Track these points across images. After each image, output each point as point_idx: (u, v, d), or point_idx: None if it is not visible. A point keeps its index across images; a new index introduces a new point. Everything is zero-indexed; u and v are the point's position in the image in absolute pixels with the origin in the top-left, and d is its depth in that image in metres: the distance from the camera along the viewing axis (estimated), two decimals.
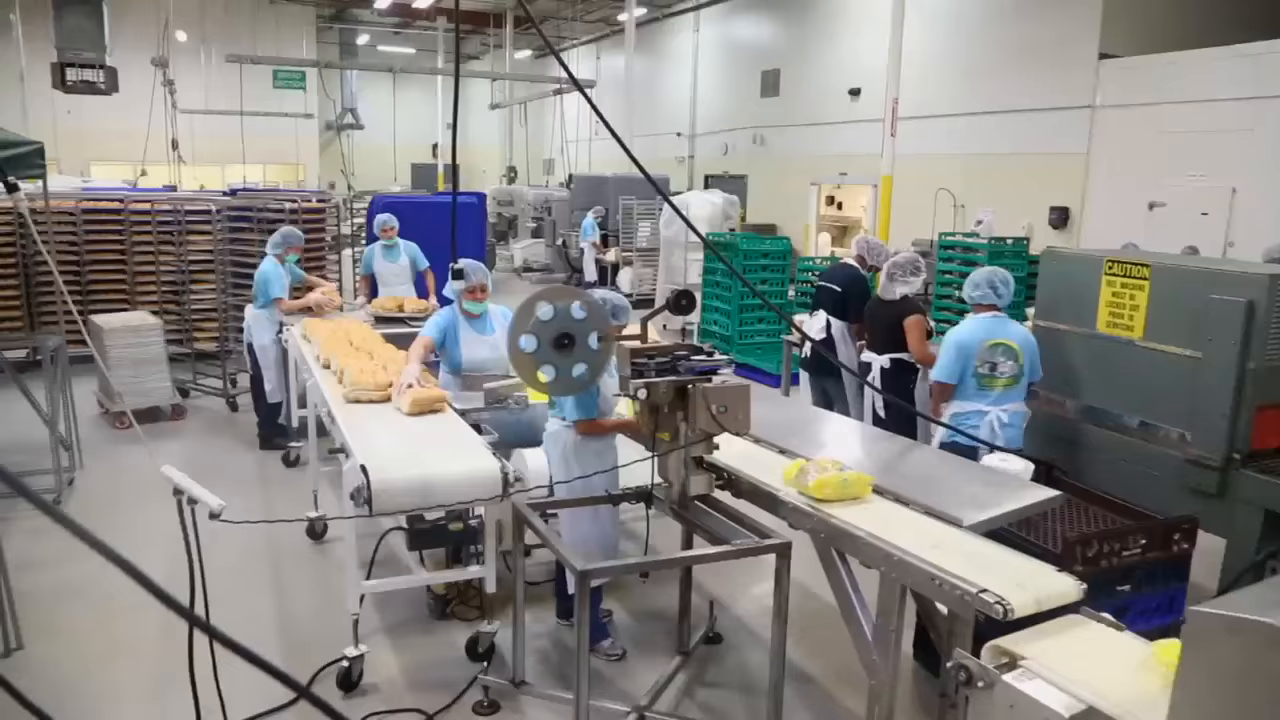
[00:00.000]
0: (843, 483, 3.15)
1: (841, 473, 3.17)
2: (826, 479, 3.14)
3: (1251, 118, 10.91)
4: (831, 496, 3.12)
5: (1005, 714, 2.19)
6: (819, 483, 3.14)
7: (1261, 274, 3.86)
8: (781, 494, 3.22)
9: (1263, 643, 1.53)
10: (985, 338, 4.46)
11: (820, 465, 3.22)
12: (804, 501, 3.12)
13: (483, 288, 4.83)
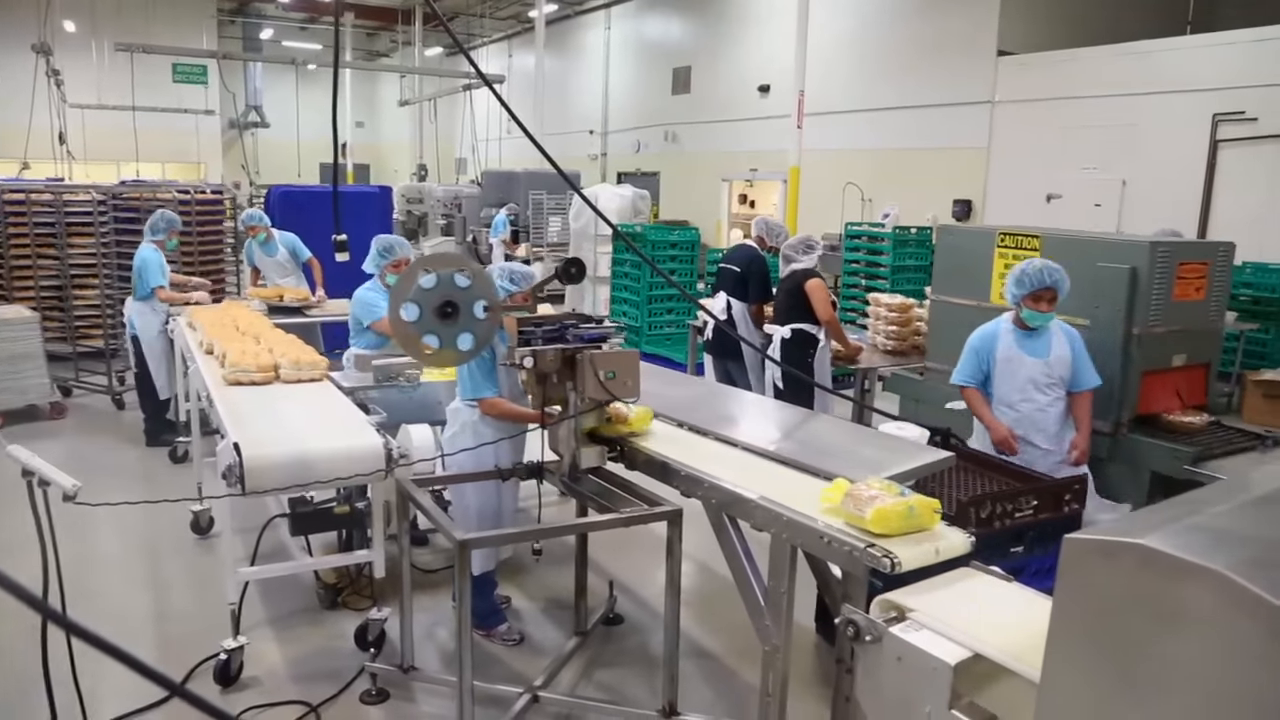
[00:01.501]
0: (909, 512, 2.48)
1: (903, 498, 2.51)
2: (888, 509, 2.44)
3: (1138, 113, 11.31)
4: (894, 531, 2.45)
5: (893, 666, 2.14)
6: (879, 514, 2.44)
7: (1143, 242, 3.94)
8: (674, 462, 3.14)
9: (1136, 564, 1.49)
10: None
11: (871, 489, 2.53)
12: (695, 468, 3.04)
13: (407, 262, 4.70)
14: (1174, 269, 3.92)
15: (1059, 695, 1.63)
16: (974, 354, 4.14)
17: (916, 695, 2.07)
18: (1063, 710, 1.62)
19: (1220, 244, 4.22)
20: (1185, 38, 11.53)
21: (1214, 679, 1.39)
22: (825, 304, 5.27)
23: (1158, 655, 1.45)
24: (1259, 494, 1.90)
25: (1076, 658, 1.59)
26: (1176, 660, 1.43)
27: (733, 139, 17.86)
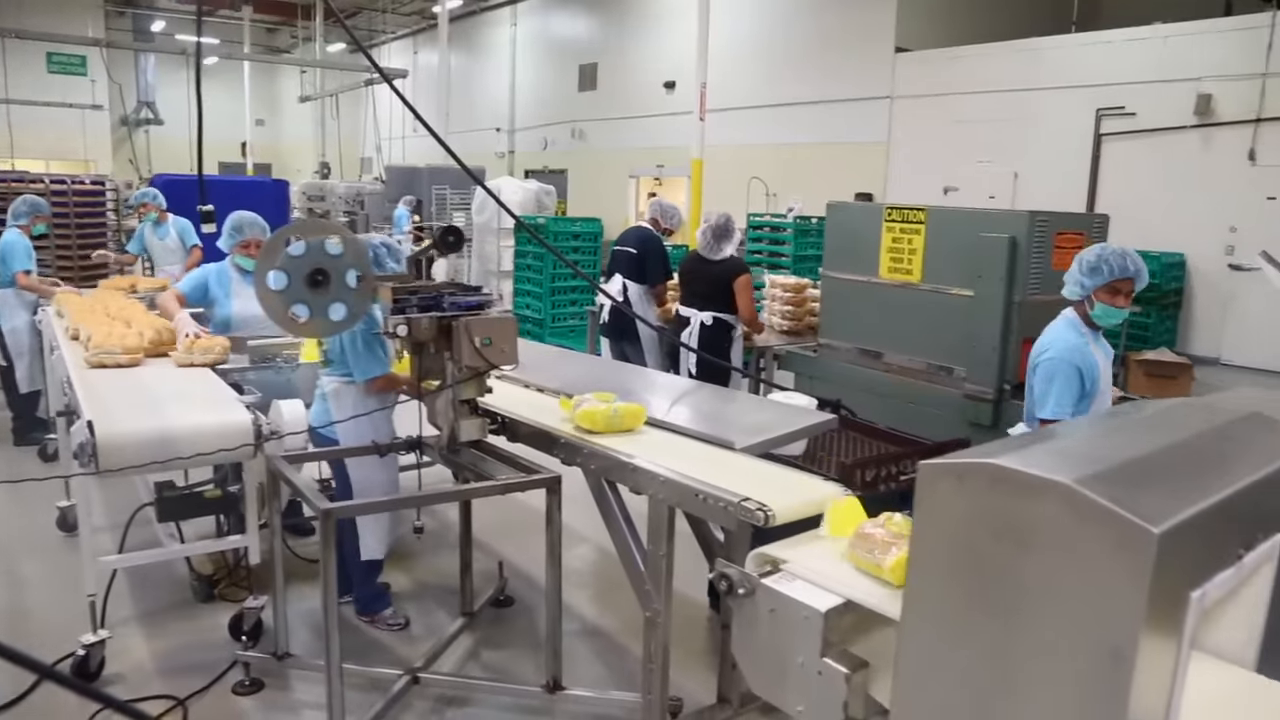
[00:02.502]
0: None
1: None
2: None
3: (1028, 107, 11.68)
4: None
5: (767, 619, 2.10)
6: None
7: (1021, 212, 4.02)
8: (555, 430, 3.06)
9: (987, 483, 1.47)
10: None
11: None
12: (576, 435, 2.97)
13: (257, 243, 4.47)
14: (1051, 239, 4.01)
15: (918, 620, 1.60)
16: (1076, 375, 3.24)
17: (789, 646, 2.02)
18: (922, 635, 1.59)
19: (1095, 216, 4.35)
20: (1070, 36, 11.96)
21: (1065, 594, 1.37)
22: (750, 303, 5.25)
23: (1011, 574, 1.43)
24: (1114, 424, 1.92)
25: (933, 582, 1.56)
26: (1029, 577, 1.40)
27: (640, 135, 17.87)
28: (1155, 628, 1.34)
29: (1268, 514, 1.65)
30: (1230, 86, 10.04)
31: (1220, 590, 1.48)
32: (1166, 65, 10.50)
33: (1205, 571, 1.44)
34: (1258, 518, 1.60)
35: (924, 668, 1.59)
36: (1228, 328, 10.01)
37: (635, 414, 3.08)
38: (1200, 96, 10.16)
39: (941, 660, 1.56)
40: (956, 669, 1.53)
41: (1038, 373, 3.33)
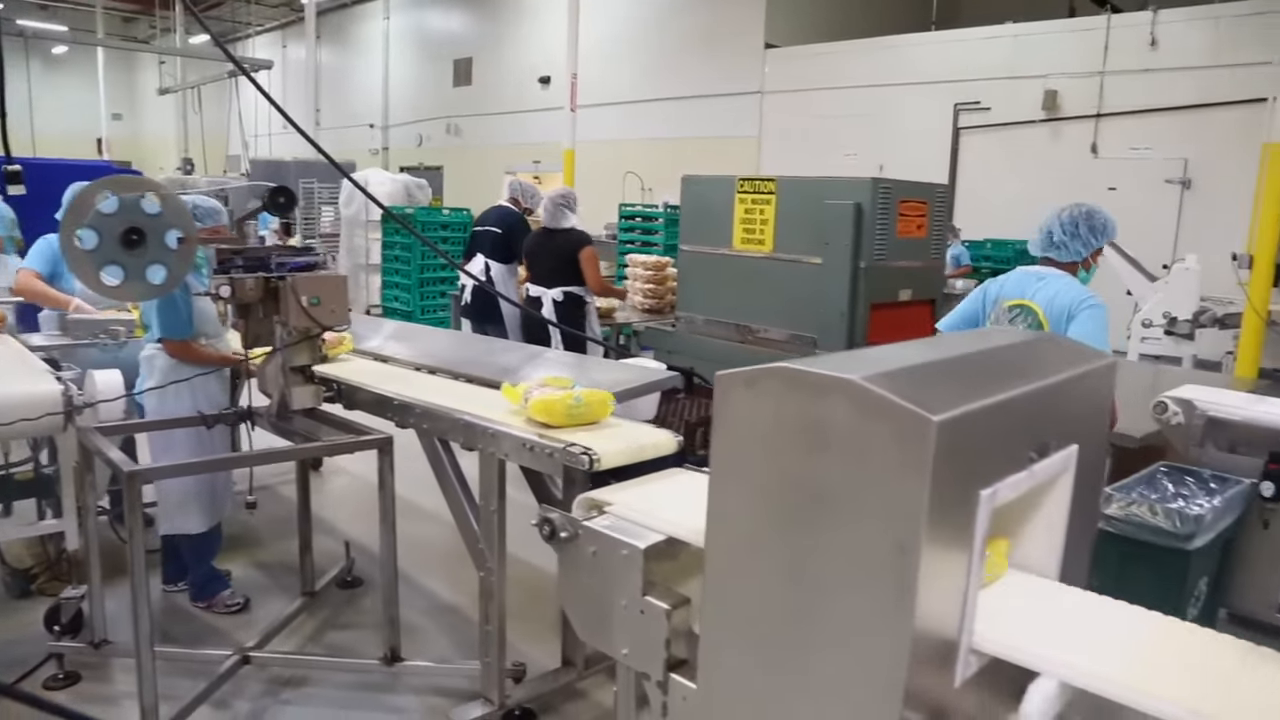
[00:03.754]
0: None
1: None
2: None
3: (891, 102, 12.04)
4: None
5: (590, 561, 2.05)
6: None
7: (865, 179, 4.10)
8: (389, 394, 2.95)
9: (780, 387, 1.45)
10: (1008, 295, 3.60)
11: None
12: (412, 398, 2.87)
13: None
14: (895, 206, 4.11)
15: (720, 532, 1.57)
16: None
17: (612, 587, 1.98)
18: (724, 545, 1.56)
19: (937, 185, 4.48)
20: (929, 34, 12.37)
21: (856, 492, 1.35)
22: (597, 273, 5.21)
23: (805, 476, 1.41)
24: (920, 342, 1.94)
25: (732, 492, 1.53)
26: (821, 478, 1.39)
27: (516, 131, 17.71)
28: (942, 522, 1.34)
29: (1061, 424, 1.68)
30: (1074, 83, 10.56)
31: (1012, 492, 1.50)
32: (1017, 63, 10.99)
33: (994, 471, 1.45)
34: (1050, 425, 1.63)
35: (728, 577, 1.56)
36: None
37: (602, 402, 2.58)
38: (1047, 92, 10.65)
39: (744, 567, 1.53)
40: (758, 573, 1.50)
41: (1085, 321, 3.41)
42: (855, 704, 1.38)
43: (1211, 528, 2.73)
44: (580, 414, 2.49)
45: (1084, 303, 3.46)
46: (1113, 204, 10.44)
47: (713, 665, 1.61)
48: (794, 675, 1.47)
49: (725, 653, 1.58)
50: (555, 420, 2.46)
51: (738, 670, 1.56)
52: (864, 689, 1.37)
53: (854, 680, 1.38)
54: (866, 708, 1.37)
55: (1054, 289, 3.49)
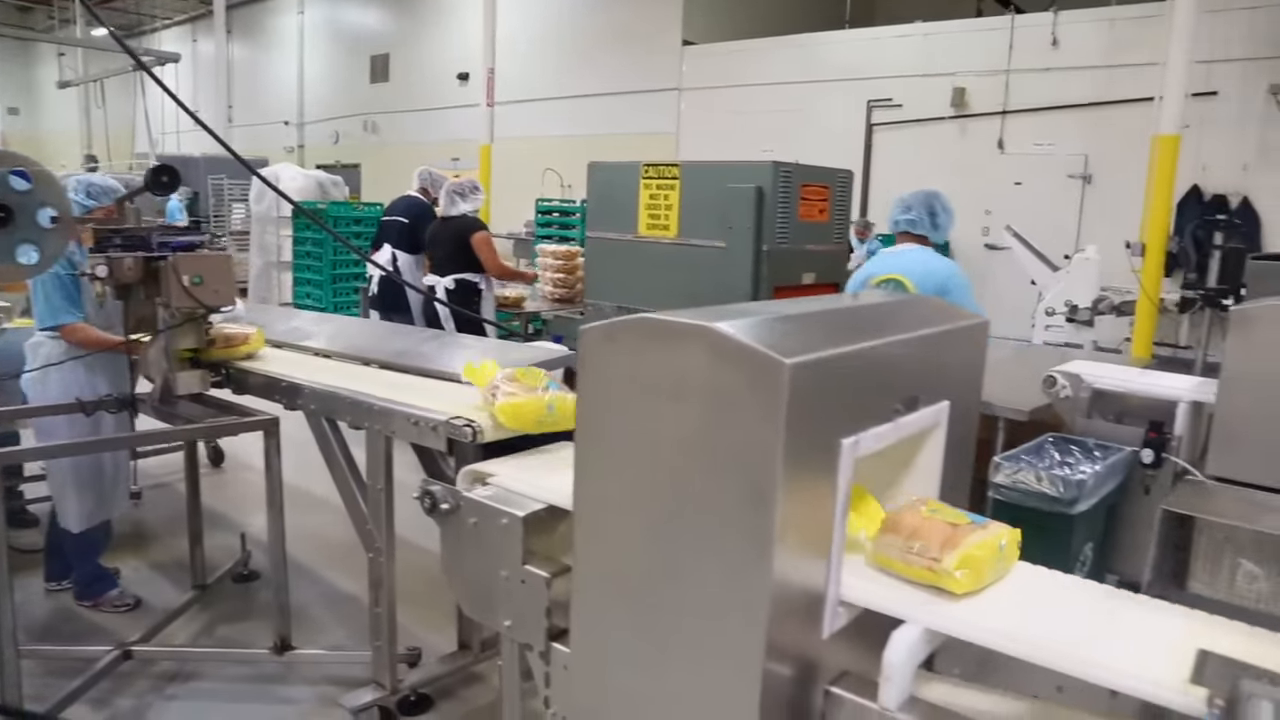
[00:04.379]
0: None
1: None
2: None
3: (806, 99, 12.19)
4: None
5: (470, 532, 2.01)
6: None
7: (766, 163, 4.13)
8: (277, 376, 2.86)
9: (639, 338, 1.43)
10: (875, 273, 3.74)
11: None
12: (297, 379, 2.78)
13: None
14: (797, 189, 4.15)
15: (589, 492, 1.54)
16: None
17: (493, 557, 1.94)
18: (594, 507, 1.53)
19: (839, 170, 4.54)
20: (843, 32, 12.56)
21: (715, 440, 1.34)
22: (494, 257, 5.16)
23: (665, 426, 1.39)
24: (792, 300, 1.94)
25: (598, 449, 1.51)
26: (681, 427, 1.37)
27: (434, 128, 17.49)
28: (801, 469, 1.34)
29: (930, 379, 1.70)
30: (981, 81, 10.83)
31: (877, 443, 1.50)
32: (927, 61, 11.22)
33: (857, 420, 1.45)
34: (918, 379, 1.64)
35: (596, 538, 1.54)
36: (985, 301, 10.71)
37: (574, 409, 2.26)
38: (956, 90, 10.90)
39: (611, 526, 1.50)
40: (624, 531, 1.48)
41: (958, 299, 3.63)
42: (721, 658, 1.37)
43: (1094, 493, 2.80)
44: (550, 424, 2.15)
45: (954, 278, 3.77)
46: (1019, 198, 10.77)
47: (586, 629, 1.58)
48: (664, 633, 1.45)
49: (597, 615, 1.55)
50: (524, 428, 2.14)
51: (610, 632, 1.53)
52: (728, 642, 1.36)
53: (719, 634, 1.37)
54: (731, 661, 1.36)
55: (922, 261, 3.74)
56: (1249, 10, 9.21)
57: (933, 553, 1.45)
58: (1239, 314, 2.90)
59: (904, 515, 1.53)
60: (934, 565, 1.44)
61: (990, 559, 1.48)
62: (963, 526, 1.50)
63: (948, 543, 1.45)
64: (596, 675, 1.58)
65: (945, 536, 1.46)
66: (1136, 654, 1.33)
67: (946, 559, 1.43)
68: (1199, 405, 3.09)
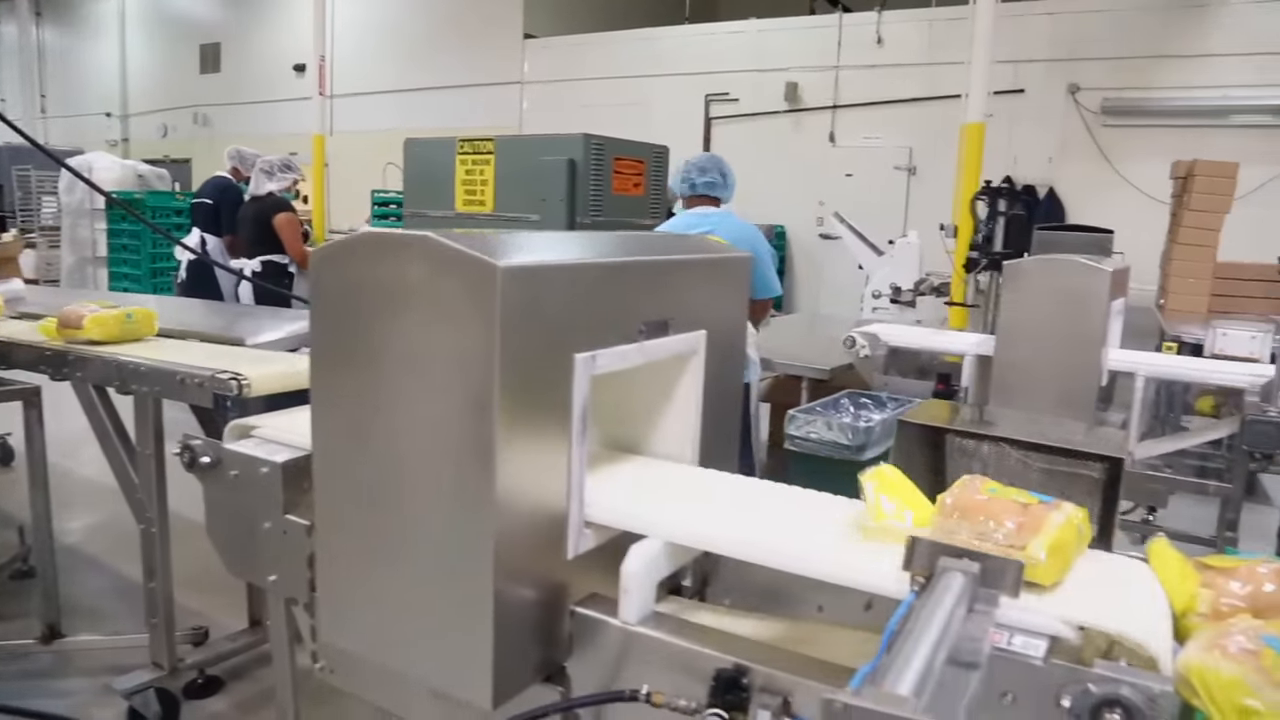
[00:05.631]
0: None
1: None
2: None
3: (648, 93, 12.33)
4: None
5: (231, 485, 1.92)
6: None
7: (578, 135, 4.14)
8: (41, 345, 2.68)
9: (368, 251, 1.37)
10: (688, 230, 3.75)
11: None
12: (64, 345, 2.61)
13: None
14: (610, 163, 4.18)
15: (324, 421, 1.49)
16: None
17: (254, 509, 1.85)
18: (327, 435, 1.48)
19: (655, 146, 4.60)
20: (683, 27, 12.78)
21: (438, 353, 1.31)
22: (296, 240, 4.99)
23: (390, 343, 1.35)
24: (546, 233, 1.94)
25: (329, 373, 1.45)
26: (406, 343, 1.34)
27: (270, 121, 16.81)
28: (528, 381, 1.32)
29: (684, 306, 1.71)
30: (812, 77, 11.20)
31: (619, 362, 1.49)
32: (761, 56, 11.53)
33: (593, 337, 1.44)
34: (667, 304, 1.65)
35: (331, 468, 1.49)
36: (822, 290, 11.18)
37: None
38: (789, 85, 11.24)
39: (343, 453, 1.46)
40: (356, 457, 1.44)
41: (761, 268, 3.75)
42: (453, 581, 1.34)
43: (883, 440, 2.93)
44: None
45: (762, 241, 3.98)
46: (849, 189, 11.18)
47: (329, 565, 1.53)
48: (400, 562, 1.41)
49: (338, 551, 1.50)
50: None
51: (351, 567, 1.48)
52: (460, 564, 1.33)
53: (450, 555, 1.34)
54: (463, 584, 1.33)
55: (731, 225, 3.81)
56: (1049, 16, 9.87)
57: (1013, 538, 1.25)
58: (1011, 268, 3.08)
59: (963, 496, 1.34)
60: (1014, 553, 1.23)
61: (1073, 542, 1.31)
62: (1034, 506, 1.32)
63: (1027, 527, 1.26)
64: (344, 615, 1.52)
65: (1022, 519, 1.28)
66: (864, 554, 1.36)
67: (1033, 545, 1.23)
68: (984, 359, 3.26)
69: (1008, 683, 1.15)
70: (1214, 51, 9.22)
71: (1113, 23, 9.53)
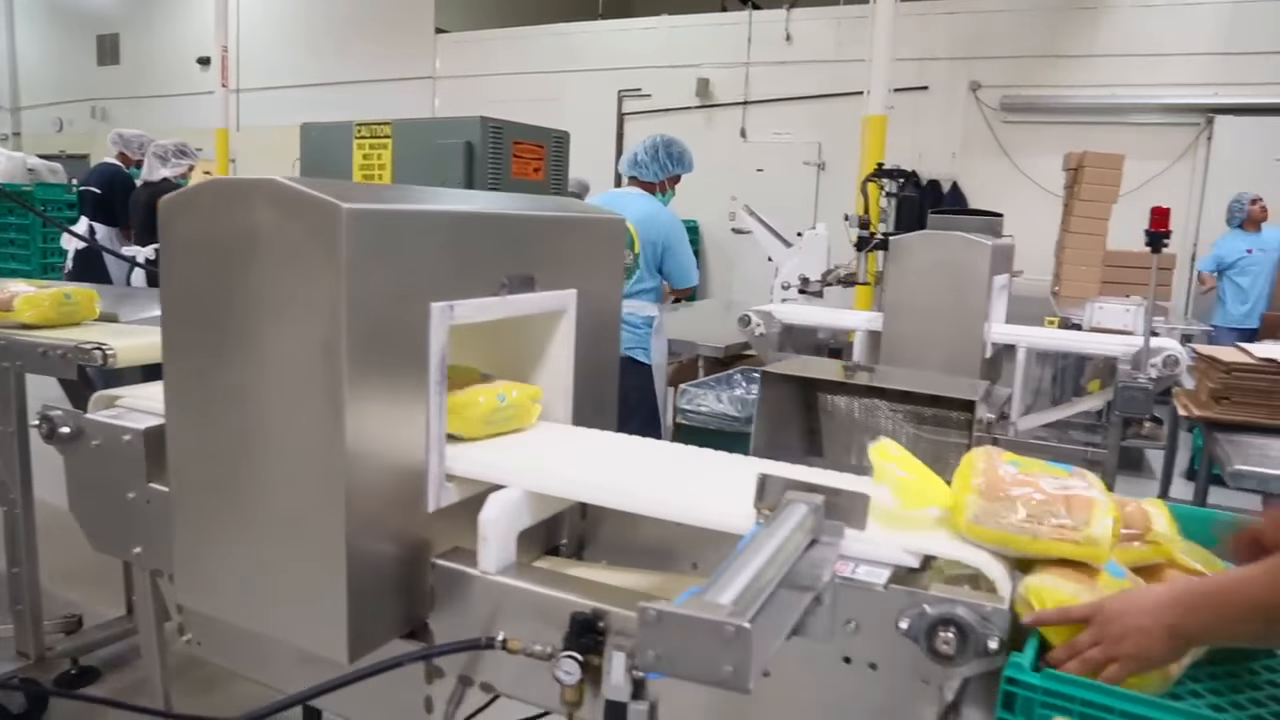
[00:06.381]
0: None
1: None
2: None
3: (562, 88, 12.30)
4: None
5: (93, 455, 1.85)
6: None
7: (474, 118, 4.11)
8: None
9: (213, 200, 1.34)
10: None
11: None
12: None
13: None
14: (509, 146, 4.14)
15: (175, 375, 1.44)
16: None
17: (117, 480, 1.80)
18: (178, 388, 1.44)
19: (556, 131, 4.59)
20: (596, 23, 12.77)
21: (286, 297, 1.28)
22: None
23: (238, 291, 1.31)
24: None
25: (179, 326, 1.41)
26: (253, 290, 1.30)
27: (173, 115, 16.24)
28: (380, 327, 1.30)
29: (551, 263, 1.70)
30: (723, 73, 11.32)
31: (479, 314, 1.48)
32: (673, 53, 11.60)
33: (451, 287, 1.43)
34: (532, 260, 1.64)
35: (182, 424, 1.45)
36: (734, 283, 11.29)
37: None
38: (700, 81, 11.34)
39: (193, 407, 1.42)
40: (206, 412, 1.40)
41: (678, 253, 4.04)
42: (307, 534, 1.32)
43: None
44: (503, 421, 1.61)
45: (676, 231, 4.01)
46: (761, 183, 11.27)
47: (186, 525, 1.48)
48: (255, 519, 1.38)
49: (192, 512, 1.46)
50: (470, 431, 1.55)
51: (207, 527, 1.45)
52: (312, 517, 1.31)
53: (303, 508, 1.32)
54: (318, 536, 1.31)
55: (645, 209, 3.86)
56: (950, 15, 10.14)
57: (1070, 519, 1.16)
58: (896, 244, 3.15)
59: (994, 474, 1.23)
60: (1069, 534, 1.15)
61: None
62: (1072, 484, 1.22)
63: (1082, 506, 1.17)
64: (202, 578, 1.48)
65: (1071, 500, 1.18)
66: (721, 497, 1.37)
67: (1096, 527, 1.14)
68: (874, 334, 3.33)
69: (852, 610, 1.18)
70: (1105, 52, 9.58)
71: (1011, 23, 9.83)
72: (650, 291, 4.09)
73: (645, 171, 4.07)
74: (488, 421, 1.55)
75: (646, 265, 4.02)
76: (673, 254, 3.98)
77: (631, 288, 4.03)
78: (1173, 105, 9.28)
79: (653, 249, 4.00)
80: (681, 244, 3.98)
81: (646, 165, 4.06)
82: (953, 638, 1.09)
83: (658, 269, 4.06)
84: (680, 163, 4.14)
